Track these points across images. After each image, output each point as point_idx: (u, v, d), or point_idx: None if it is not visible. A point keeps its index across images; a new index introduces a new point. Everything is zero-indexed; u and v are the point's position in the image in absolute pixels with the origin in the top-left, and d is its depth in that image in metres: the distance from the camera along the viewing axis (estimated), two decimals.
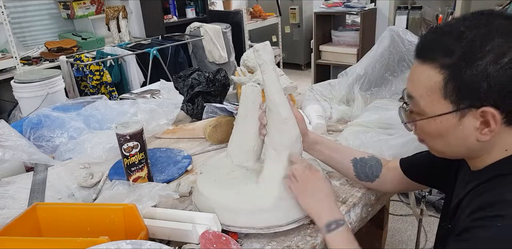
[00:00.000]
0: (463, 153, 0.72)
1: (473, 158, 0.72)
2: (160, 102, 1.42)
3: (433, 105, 0.67)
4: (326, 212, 0.83)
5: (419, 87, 0.69)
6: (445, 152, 0.74)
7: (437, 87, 0.66)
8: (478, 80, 0.61)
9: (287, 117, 0.89)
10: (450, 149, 0.71)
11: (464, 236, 0.64)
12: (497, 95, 0.62)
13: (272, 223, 0.86)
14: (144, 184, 0.96)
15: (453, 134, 0.68)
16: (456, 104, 0.65)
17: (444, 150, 0.73)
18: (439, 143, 0.72)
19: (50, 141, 1.37)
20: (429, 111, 0.68)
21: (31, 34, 3.43)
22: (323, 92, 1.53)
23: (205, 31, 3.72)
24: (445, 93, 0.65)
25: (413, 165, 0.96)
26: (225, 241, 0.83)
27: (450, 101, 0.65)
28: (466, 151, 0.71)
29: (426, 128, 0.71)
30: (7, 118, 2.62)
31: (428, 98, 0.68)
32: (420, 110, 0.70)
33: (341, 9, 3.64)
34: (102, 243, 0.71)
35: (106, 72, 2.97)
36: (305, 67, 5.22)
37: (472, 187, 0.71)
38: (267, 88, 0.90)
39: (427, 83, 0.67)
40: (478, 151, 0.70)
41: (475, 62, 0.61)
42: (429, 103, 0.68)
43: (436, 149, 0.75)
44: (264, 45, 0.89)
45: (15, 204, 1.07)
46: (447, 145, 0.71)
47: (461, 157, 0.75)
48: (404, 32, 1.46)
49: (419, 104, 0.69)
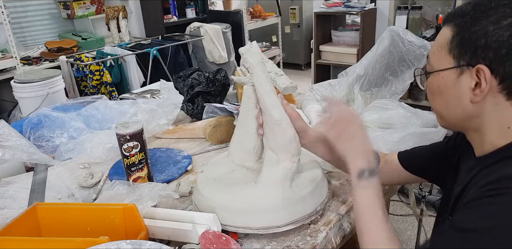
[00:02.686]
0: (459, 117, 0.73)
1: (474, 130, 0.74)
2: (160, 102, 1.42)
3: (440, 61, 0.72)
4: (362, 158, 0.82)
5: (434, 46, 0.75)
6: (444, 116, 0.77)
7: (445, 43, 0.71)
8: (478, 36, 0.66)
9: (279, 119, 0.88)
10: (448, 110, 0.75)
11: (474, 202, 0.63)
12: (493, 54, 0.66)
13: (269, 224, 0.86)
14: (144, 184, 0.96)
15: (451, 92, 0.72)
16: (457, 60, 0.70)
17: (443, 112, 0.76)
18: (440, 103, 0.75)
19: (50, 141, 1.37)
20: (435, 66, 0.74)
21: (31, 34, 3.43)
22: (323, 92, 1.53)
23: (205, 31, 3.72)
24: (450, 48, 0.70)
25: (412, 158, 0.97)
26: (225, 241, 0.83)
27: (453, 56, 0.70)
28: (462, 115, 0.73)
29: (430, 84, 0.76)
30: (7, 118, 2.62)
31: (438, 53, 0.73)
32: (430, 66, 0.75)
33: (341, 9, 3.64)
34: (102, 243, 0.71)
35: (106, 72, 2.97)
36: (305, 67, 5.22)
37: (476, 172, 0.71)
38: (257, 90, 0.89)
39: (440, 41, 0.73)
40: (475, 118, 0.71)
41: (479, 21, 0.67)
42: (437, 59, 0.73)
43: (437, 111, 0.78)
44: (249, 47, 0.88)
45: (15, 204, 1.07)
46: (446, 105, 0.74)
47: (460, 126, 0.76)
48: (404, 32, 1.46)
49: (431, 61, 0.75)
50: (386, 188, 1.12)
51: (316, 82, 3.63)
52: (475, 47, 0.67)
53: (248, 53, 0.88)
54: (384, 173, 0.99)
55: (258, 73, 0.88)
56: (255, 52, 0.89)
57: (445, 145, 0.91)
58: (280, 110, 0.89)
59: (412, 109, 1.31)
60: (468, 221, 0.62)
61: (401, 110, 1.30)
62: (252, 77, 0.89)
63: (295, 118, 0.93)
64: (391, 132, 1.17)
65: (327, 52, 3.87)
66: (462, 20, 0.69)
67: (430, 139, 1.14)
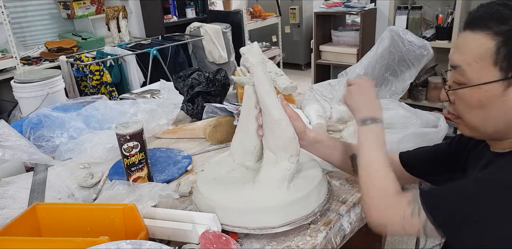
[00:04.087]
0: (498, 129, 0.70)
1: (503, 138, 0.71)
2: (160, 102, 1.42)
3: (481, 73, 0.67)
4: (366, 108, 0.84)
5: (468, 55, 0.68)
6: (479, 128, 0.72)
7: (488, 54, 0.65)
8: None
9: (278, 119, 0.88)
10: (487, 123, 0.70)
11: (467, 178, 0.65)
12: None
13: (266, 224, 0.86)
14: (144, 184, 0.96)
15: (495, 105, 0.67)
16: (505, 72, 0.65)
17: (479, 125, 0.71)
18: (478, 116, 0.70)
19: (50, 141, 1.37)
20: (475, 79, 0.68)
21: (31, 34, 3.43)
22: (323, 92, 1.53)
23: (205, 31, 3.72)
24: (495, 60, 0.65)
25: (414, 160, 0.96)
26: (225, 241, 0.83)
27: (499, 68, 0.65)
28: (503, 127, 0.69)
29: (467, 97, 0.70)
30: (7, 118, 2.62)
31: (477, 65, 0.67)
32: (466, 79, 0.69)
33: (341, 9, 3.64)
34: (102, 243, 0.71)
35: (106, 72, 2.97)
36: (305, 67, 5.22)
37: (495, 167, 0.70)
38: (257, 90, 0.89)
39: (477, 50, 0.67)
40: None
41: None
42: (477, 71, 0.67)
43: (472, 124, 0.72)
44: (250, 47, 0.89)
45: (15, 204, 1.07)
46: (485, 118, 0.69)
47: (492, 136, 0.73)
48: (404, 32, 1.46)
49: (465, 72, 0.69)
50: None
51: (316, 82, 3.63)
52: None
53: (249, 53, 0.88)
54: None
55: (258, 73, 0.88)
56: (256, 52, 0.89)
57: (448, 147, 0.89)
58: (279, 110, 0.89)
59: (412, 109, 1.31)
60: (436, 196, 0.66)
61: (401, 110, 1.30)
62: (253, 77, 0.89)
63: (294, 118, 0.92)
64: (391, 132, 1.17)
65: (327, 52, 3.87)
66: (507, 28, 0.64)
67: (430, 139, 1.14)
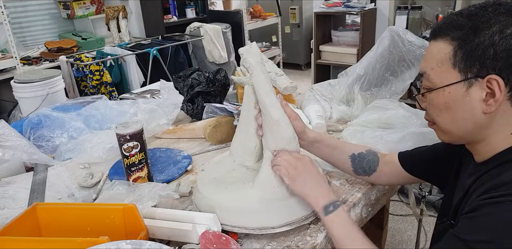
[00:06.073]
0: (469, 130, 0.72)
1: (479, 141, 0.73)
2: (160, 102, 1.42)
3: (443, 76, 0.71)
4: (321, 196, 0.85)
5: (431, 61, 0.73)
6: (452, 131, 0.75)
7: (447, 57, 0.70)
8: (485, 47, 0.66)
9: (278, 119, 0.88)
10: (457, 125, 0.73)
11: (474, 213, 0.64)
12: (502, 64, 0.65)
13: (265, 224, 0.86)
14: (144, 184, 0.96)
15: (460, 106, 0.70)
16: (464, 73, 0.68)
17: (451, 127, 0.74)
18: (447, 118, 0.73)
19: (50, 141, 1.37)
20: (438, 82, 0.72)
21: (31, 34, 3.43)
22: (323, 92, 1.53)
23: (205, 31, 3.72)
24: (454, 62, 0.69)
25: (413, 160, 0.96)
26: (225, 241, 0.83)
27: (458, 70, 0.69)
28: (472, 127, 0.71)
29: (435, 101, 0.73)
30: (7, 118, 2.62)
31: (438, 69, 0.71)
32: (431, 83, 0.73)
33: (341, 9, 3.64)
34: (102, 243, 0.71)
35: (106, 72, 2.97)
36: (305, 67, 5.22)
37: (476, 178, 0.72)
38: (256, 90, 0.89)
39: (438, 56, 0.71)
40: (484, 129, 0.71)
41: (482, 32, 0.66)
42: (439, 74, 0.71)
43: (445, 127, 0.75)
44: (249, 47, 0.88)
45: (15, 204, 1.07)
46: (454, 120, 0.72)
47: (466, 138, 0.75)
48: (404, 32, 1.46)
49: (430, 77, 0.73)
50: (386, 188, 1.13)
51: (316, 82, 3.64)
52: (483, 58, 0.66)
53: (248, 53, 0.88)
54: (383, 173, 0.99)
55: (257, 74, 0.88)
56: (255, 53, 0.89)
57: (445, 148, 0.90)
58: (279, 110, 0.89)
59: (412, 109, 1.31)
60: (470, 232, 0.63)
61: (401, 110, 1.30)
62: (252, 77, 0.89)
63: (294, 118, 0.93)
64: (391, 132, 1.17)
65: (327, 52, 3.88)
66: (461, 33, 0.68)
67: (429, 139, 1.14)
